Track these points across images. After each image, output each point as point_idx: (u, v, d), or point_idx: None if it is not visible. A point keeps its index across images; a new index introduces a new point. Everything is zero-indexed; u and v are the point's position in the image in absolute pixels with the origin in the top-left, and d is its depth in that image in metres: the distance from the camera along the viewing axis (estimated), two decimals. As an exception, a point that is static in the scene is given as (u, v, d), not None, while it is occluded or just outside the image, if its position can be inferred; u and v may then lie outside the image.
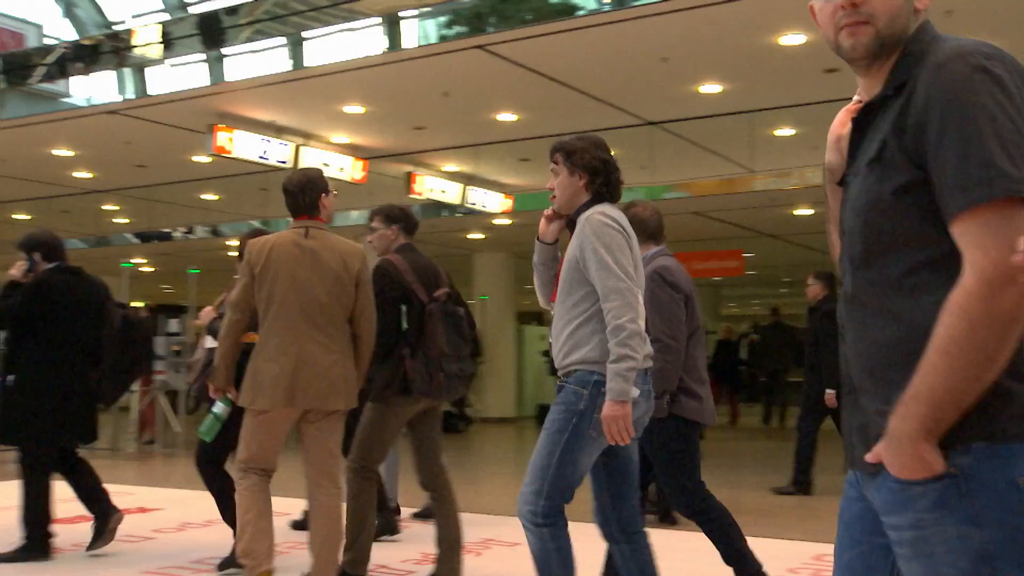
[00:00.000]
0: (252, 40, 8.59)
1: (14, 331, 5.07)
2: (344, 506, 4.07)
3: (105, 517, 5.11)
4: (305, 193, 4.01)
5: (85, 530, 5.22)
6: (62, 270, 5.15)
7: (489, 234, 15.48)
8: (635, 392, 3.02)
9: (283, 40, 8.50)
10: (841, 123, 1.64)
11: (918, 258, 1.40)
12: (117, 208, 15.37)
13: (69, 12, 22.15)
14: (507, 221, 13.94)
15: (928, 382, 1.32)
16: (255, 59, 8.77)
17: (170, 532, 5.96)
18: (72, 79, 10.53)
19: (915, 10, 1.52)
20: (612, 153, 3.32)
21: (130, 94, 9.56)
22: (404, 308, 4.23)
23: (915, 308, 1.39)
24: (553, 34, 7.31)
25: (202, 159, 10.99)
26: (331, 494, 3.98)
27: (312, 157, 10.44)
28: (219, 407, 4.10)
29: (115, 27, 21.21)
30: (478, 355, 11.10)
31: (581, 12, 7.11)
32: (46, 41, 22.48)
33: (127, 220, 16.56)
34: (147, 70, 9.52)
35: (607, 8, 6.98)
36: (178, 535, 5.87)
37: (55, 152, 11.36)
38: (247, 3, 8.36)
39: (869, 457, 1.42)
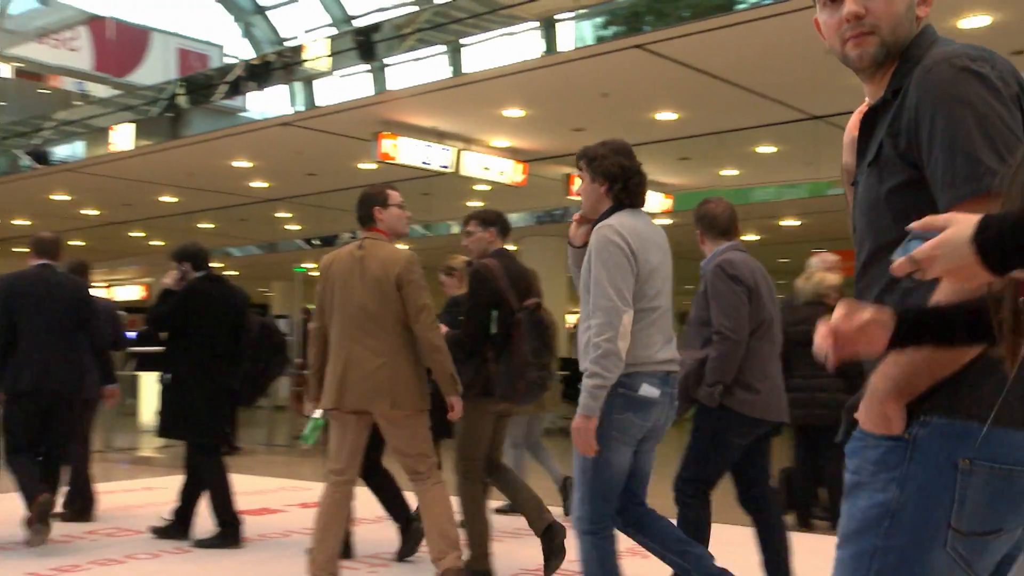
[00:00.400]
0: (414, 49, 8.84)
1: (169, 334, 5.52)
2: (435, 495, 4.18)
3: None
4: (361, 207, 4.25)
5: (271, 522, 5.47)
6: (209, 279, 5.56)
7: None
8: (655, 392, 3.15)
9: (443, 48, 8.71)
10: (854, 125, 1.67)
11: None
12: (289, 215, 16.12)
13: (247, 32, 23.45)
14: (667, 221, 13.78)
15: (906, 352, 1.37)
16: (417, 67, 9.02)
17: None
18: (248, 95, 11.14)
19: (916, 18, 1.57)
20: (634, 159, 3.34)
21: (300, 106, 10.02)
22: (495, 313, 4.35)
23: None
24: (712, 30, 7.17)
25: (368, 166, 11.39)
26: (419, 489, 4.19)
27: (473, 161, 10.64)
28: (317, 412, 4.31)
29: (287, 43, 22.28)
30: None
31: (741, 6, 6.96)
32: (226, 60, 23.83)
33: (299, 227, 17.35)
34: (315, 82, 9.96)
35: (768, 1, 6.79)
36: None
37: (235, 164, 12.03)
38: (408, 13, 8.61)
39: (856, 415, 1.50)
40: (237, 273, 20.23)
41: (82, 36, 21.44)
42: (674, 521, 3.60)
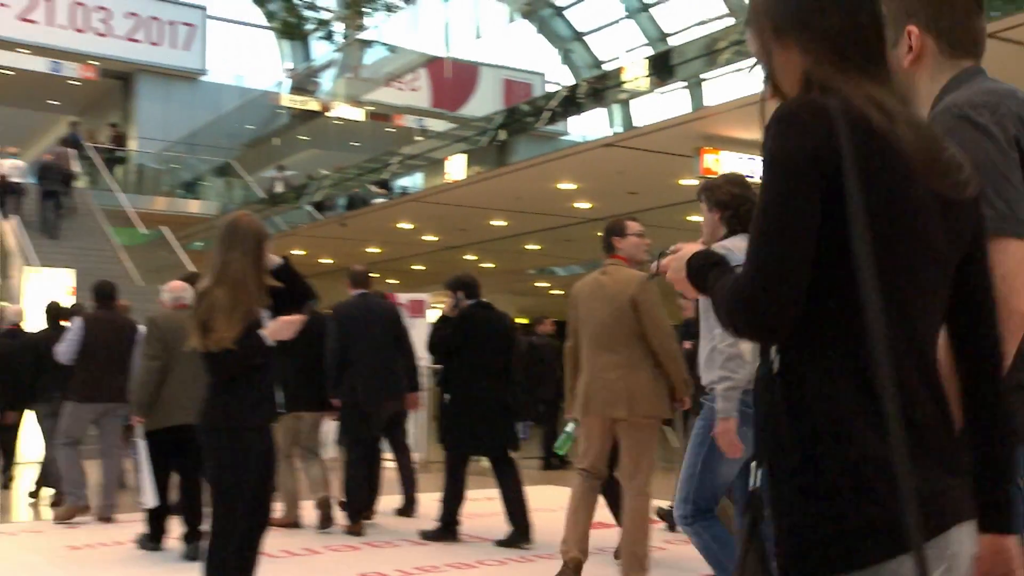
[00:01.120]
0: (731, 62, 8.72)
1: (446, 357, 6.09)
2: (636, 505, 4.47)
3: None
4: (604, 238, 4.77)
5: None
6: (479, 306, 6.04)
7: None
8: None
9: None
10: None
11: None
12: (612, 234, 16.43)
13: (566, 58, 24.35)
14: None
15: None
16: (736, 80, 8.89)
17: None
18: (570, 119, 11.56)
19: (908, 65, 1.70)
20: (747, 188, 3.54)
21: (619, 127, 10.23)
22: None
23: None
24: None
25: (690, 182, 11.36)
26: (631, 496, 4.50)
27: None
28: (570, 425, 4.87)
29: (604, 65, 22.82)
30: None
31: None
32: (548, 87, 24.84)
33: (621, 245, 17.63)
34: (632, 102, 10.13)
35: None
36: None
37: (560, 186, 12.50)
38: (724, 27, 8.51)
39: None
40: (562, 293, 20.95)
41: (422, 77, 23.38)
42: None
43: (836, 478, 1.23)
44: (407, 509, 6.84)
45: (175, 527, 5.56)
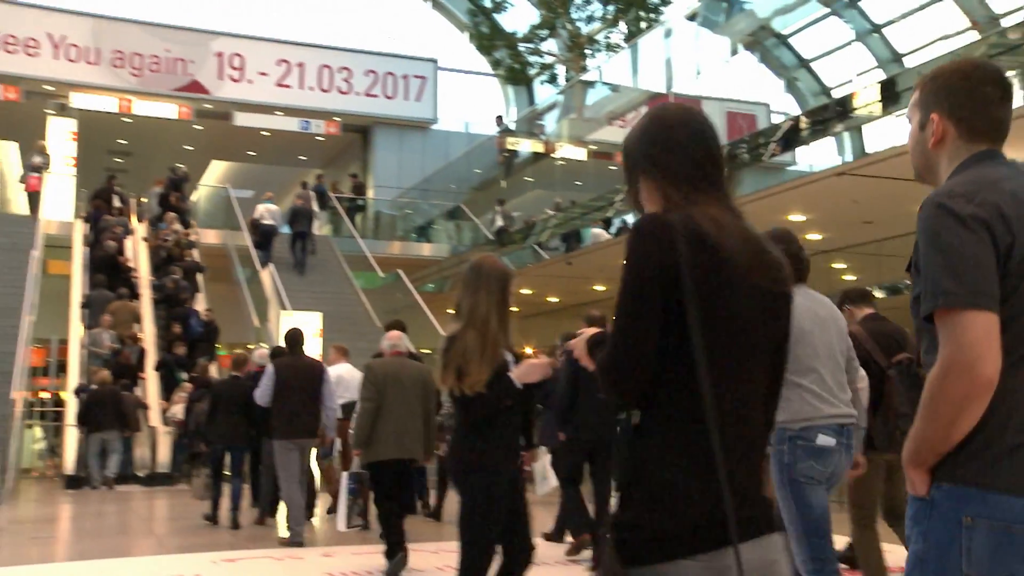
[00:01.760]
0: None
1: None
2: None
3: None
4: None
5: None
6: None
7: None
8: (831, 441, 3.61)
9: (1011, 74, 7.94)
10: None
11: (932, 344, 1.81)
12: (845, 265, 15.75)
13: (790, 86, 23.68)
14: None
15: (914, 428, 1.80)
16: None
17: None
18: (797, 148, 11.23)
19: (931, 147, 1.96)
20: (793, 244, 3.92)
21: (849, 155, 9.83)
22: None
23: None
24: None
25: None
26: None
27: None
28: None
29: (833, 92, 22.00)
30: None
31: None
32: (773, 117, 24.24)
33: (854, 276, 16.85)
34: (864, 128, 9.70)
35: None
36: None
37: (790, 218, 12.14)
38: (968, 44, 8.02)
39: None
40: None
41: (643, 113, 23.42)
42: None
43: (649, 501, 1.67)
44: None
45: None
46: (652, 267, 1.66)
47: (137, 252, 17.84)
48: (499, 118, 23.19)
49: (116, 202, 18.89)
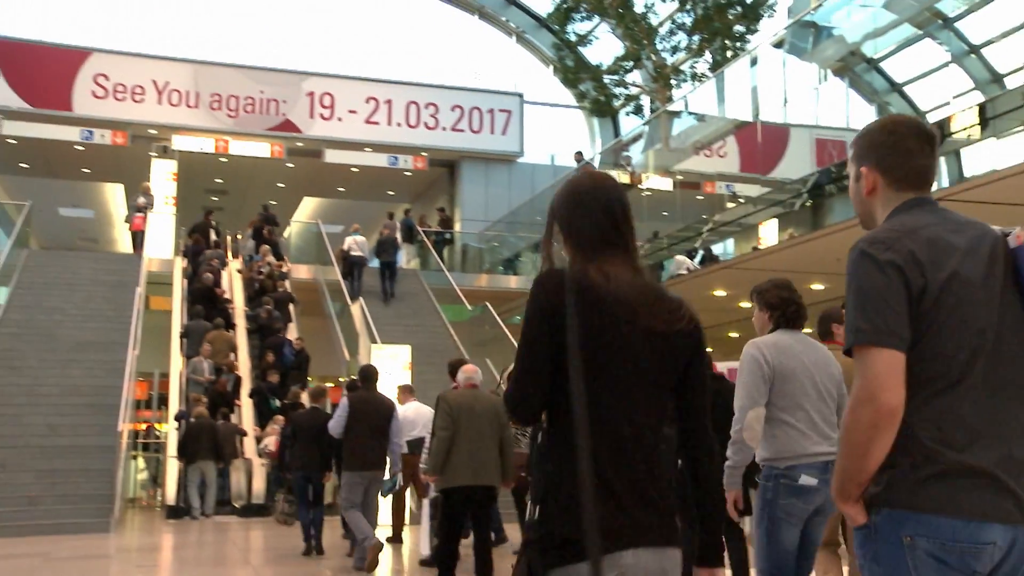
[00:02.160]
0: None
1: None
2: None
3: None
4: (820, 324, 5.03)
5: None
6: None
7: None
8: (813, 481, 3.77)
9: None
10: None
11: None
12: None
13: (882, 111, 23.16)
14: None
15: (836, 463, 2.03)
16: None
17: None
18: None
19: (866, 196, 2.18)
20: (792, 292, 4.08)
21: (945, 181, 9.55)
22: None
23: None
24: None
25: (1032, 234, 10.34)
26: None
27: None
28: None
29: (928, 116, 21.44)
30: None
31: None
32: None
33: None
34: (962, 151, 9.43)
35: None
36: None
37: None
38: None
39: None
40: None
41: (729, 143, 23.21)
42: None
43: (556, 511, 1.97)
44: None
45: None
46: (542, 310, 2.00)
47: (232, 284, 18.39)
48: (579, 154, 23.20)
49: (213, 236, 19.56)
